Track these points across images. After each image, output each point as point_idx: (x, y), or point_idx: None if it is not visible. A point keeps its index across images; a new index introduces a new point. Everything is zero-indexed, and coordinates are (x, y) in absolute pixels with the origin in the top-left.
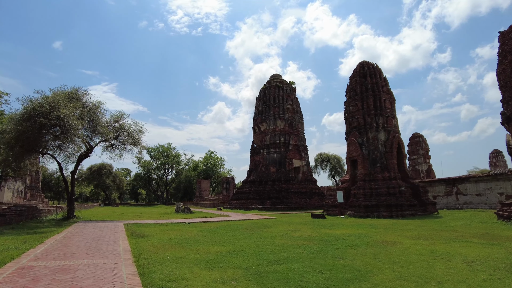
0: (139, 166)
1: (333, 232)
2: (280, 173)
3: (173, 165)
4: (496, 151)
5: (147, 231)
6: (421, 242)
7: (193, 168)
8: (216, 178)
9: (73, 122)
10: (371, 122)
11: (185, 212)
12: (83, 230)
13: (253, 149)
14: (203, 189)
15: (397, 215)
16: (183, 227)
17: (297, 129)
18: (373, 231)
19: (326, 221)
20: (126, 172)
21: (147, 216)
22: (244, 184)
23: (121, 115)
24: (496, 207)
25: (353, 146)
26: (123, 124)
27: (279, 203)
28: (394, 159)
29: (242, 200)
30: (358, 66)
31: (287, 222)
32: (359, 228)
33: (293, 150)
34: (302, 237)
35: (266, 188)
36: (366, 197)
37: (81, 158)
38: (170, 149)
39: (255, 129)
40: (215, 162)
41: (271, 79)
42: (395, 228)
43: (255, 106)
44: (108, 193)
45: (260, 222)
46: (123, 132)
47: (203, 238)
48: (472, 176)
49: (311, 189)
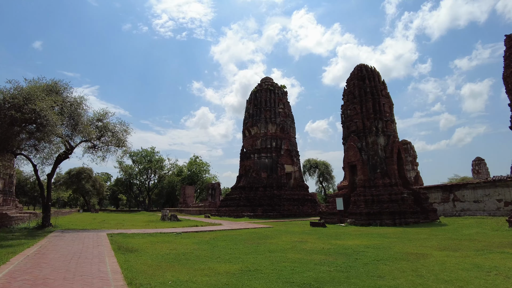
0: (121, 170)
1: (345, 243)
2: (271, 179)
3: (156, 170)
4: (479, 159)
5: (135, 243)
6: (452, 253)
7: (177, 173)
8: (201, 184)
9: (51, 117)
10: (371, 126)
11: (172, 220)
12: (60, 242)
13: (243, 153)
14: (187, 195)
15: (400, 223)
16: (175, 239)
17: (289, 133)
18: (387, 241)
19: (328, 230)
20: (107, 176)
21: (131, 224)
22: (234, 190)
23: (105, 113)
24: (495, 214)
25: (352, 150)
26: (107, 123)
27: (271, 210)
28: (395, 164)
29: (232, 207)
30: (356, 69)
31: (287, 232)
32: (369, 238)
33: (285, 155)
34: (315, 250)
35: (257, 195)
36: (367, 204)
37: (60, 160)
38: (154, 154)
39: (245, 133)
40: (200, 168)
41: (262, 82)
42: (408, 237)
43: (246, 109)
44: (88, 198)
45: (258, 231)
46: (107, 132)
47: (204, 252)
48: (470, 183)
49: (303, 196)
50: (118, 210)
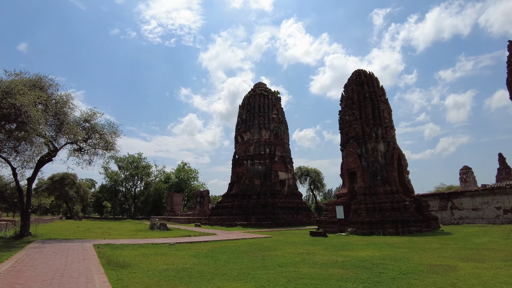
0: (106, 176)
1: (357, 254)
2: (265, 186)
3: (142, 177)
4: (466, 167)
5: (126, 256)
6: (480, 265)
7: (164, 180)
8: (189, 192)
9: (33, 113)
10: (370, 132)
11: (162, 229)
12: (39, 256)
13: (235, 160)
14: (175, 203)
15: (404, 231)
16: (169, 250)
17: (283, 139)
18: (401, 252)
19: (330, 239)
20: (91, 183)
21: (118, 233)
22: (225, 198)
23: (93, 113)
24: (494, 222)
25: (352, 157)
26: (95, 124)
27: (265, 219)
28: (395, 171)
29: (224, 216)
30: (354, 74)
31: (288, 242)
32: (379, 248)
33: (279, 162)
34: (328, 263)
35: (251, 203)
36: (368, 212)
37: (42, 163)
38: (140, 160)
39: (238, 138)
40: (188, 175)
41: (255, 87)
42: (419, 247)
43: (238, 114)
44: (71, 205)
45: (257, 242)
46: (94, 134)
47: (206, 268)
48: (468, 190)
49: (297, 204)
50: (103, 217)
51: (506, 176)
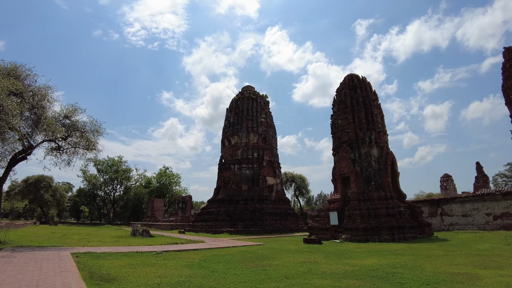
0: (84, 180)
1: (363, 262)
2: (253, 192)
3: (122, 181)
4: (446, 175)
5: (111, 267)
6: (503, 272)
7: (145, 185)
8: (170, 197)
9: (6, 103)
10: (364, 136)
11: (144, 236)
12: (7, 268)
13: (221, 164)
14: (156, 209)
15: (399, 238)
16: (157, 260)
17: (271, 144)
18: (408, 260)
19: (326, 247)
20: (68, 186)
21: (98, 240)
22: (211, 204)
23: (75, 109)
24: (484, 228)
25: (345, 162)
26: (76, 121)
27: (253, 225)
28: (389, 177)
29: (210, 222)
30: (346, 79)
31: (284, 250)
32: (383, 256)
33: (267, 167)
34: (338, 273)
35: (238, 208)
36: (363, 218)
37: (15, 161)
38: (121, 163)
39: (225, 142)
40: (170, 179)
41: (244, 90)
42: (424, 254)
43: (226, 117)
44: (46, 209)
45: (250, 250)
46: (75, 131)
47: (205, 281)
48: (458, 197)
49: (286, 210)
50: (79, 222)
51: (483, 184)
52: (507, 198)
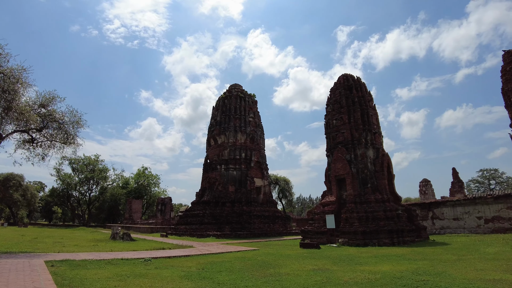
0: (58, 179)
1: (379, 269)
2: (240, 193)
3: (98, 181)
4: (425, 180)
5: (96, 280)
6: None
7: (122, 185)
8: (148, 198)
9: None
10: (359, 137)
11: (125, 240)
12: None
13: (207, 164)
14: (134, 211)
15: (399, 242)
16: (148, 269)
17: (259, 144)
18: (426, 265)
19: (327, 252)
20: (40, 186)
21: (74, 244)
22: (195, 206)
23: (52, 97)
24: (476, 231)
25: (341, 163)
26: (53, 111)
27: (241, 228)
28: (385, 179)
29: (194, 225)
30: (342, 78)
31: (283, 256)
32: (394, 261)
33: (255, 168)
34: (360, 282)
35: (224, 211)
36: (361, 221)
37: None
38: (97, 162)
39: (211, 141)
40: (148, 180)
41: (231, 88)
42: (437, 259)
43: (212, 116)
44: (15, 210)
45: (248, 256)
46: (52, 122)
47: None
48: (449, 200)
49: (273, 213)
50: (52, 224)
51: (458, 189)
52: (498, 201)
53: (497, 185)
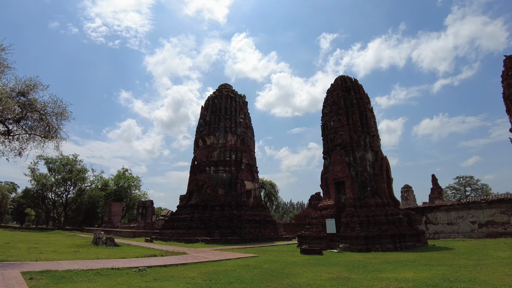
0: (32, 179)
1: (404, 276)
2: (230, 197)
3: (76, 182)
4: (407, 186)
5: None
6: None
7: (101, 187)
8: (128, 201)
9: None
10: (358, 140)
11: (109, 245)
12: None
13: (194, 166)
14: (114, 214)
15: (401, 247)
16: (146, 282)
17: (249, 146)
18: (449, 271)
19: (333, 258)
20: (12, 186)
21: (52, 250)
22: (182, 209)
23: (34, 85)
24: (470, 236)
25: (340, 165)
26: (34, 100)
27: (231, 233)
28: (385, 182)
29: (181, 230)
30: (339, 80)
31: (289, 263)
32: (411, 267)
33: (245, 170)
34: None
35: (214, 215)
36: (362, 226)
37: None
38: (76, 162)
39: (199, 142)
40: (129, 182)
41: (221, 87)
42: (455, 264)
43: (201, 115)
44: None
45: (251, 264)
46: (32, 112)
47: None
48: (443, 205)
49: (264, 217)
50: (24, 227)
51: (438, 195)
52: (492, 206)
53: (473, 191)
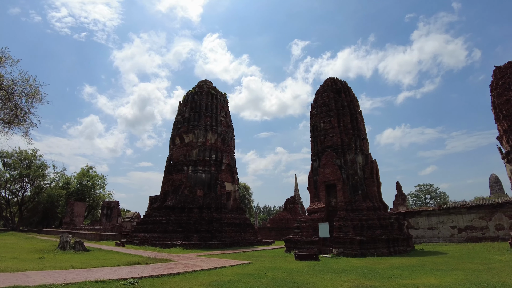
0: None
1: (427, 282)
2: (209, 199)
3: (35, 179)
4: None
5: None
6: None
7: (63, 185)
8: (92, 201)
9: None
10: (349, 142)
11: (78, 250)
12: None
13: (170, 165)
14: (76, 214)
15: (395, 251)
16: None
17: (230, 146)
18: (467, 275)
19: (333, 264)
20: None
21: (11, 256)
22: (157, 211)
23: (0, 58)
24: (450, 240)
25: (331, 168)
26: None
27: (211, 238)
28: (375, 186)
29: (156, 233)
30: (329, 81)
31: (293, 271)
32: (425, 272)
33: (225, 171)
34: None
35: (192, 218)
36: (356, 230)
37: None
38: (35, 157)
39: (176, 140)
40: (93, 181)
41: (202, 83)
42: (466, 268)
43: (178, 111)
44: None
45: (252, 272)
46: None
47: None
48: (424, 210)
49: (244, 220)
50: None
51: (401, 201)
52: (471, 212)
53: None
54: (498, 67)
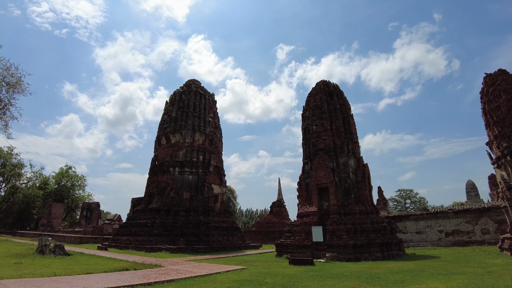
0: None
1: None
2: (196, 201)
3: (10, 178)
4: None
5: None
6: None
7: (40, 186)
8: (70, 202)
9: None
10: (342, 145)
11: (58, 254)
12: None
13: (156, 166)
14: (54, 216)
15: (388, 255)
16: None
17: (218, 147)
18: (474, 280)
19: (329, 269)
20: None
21: None
22: (141, 214)
23: None
24: (438, 244)
25: (323, 170)
26: None
27: (198, 241)
28: (367, 190)
29: (141, 237)
30: (321, 84)
31: (293, 277)
32: (427, 277)
33: (213, 173)
34: None
35: (178, 221)
36: (350, 234)
37: None
38: (11, 156)
39: (162, 140)
40: (73, 181)
41: (190, 83)
42: (468, 272)
43: (165, 111)
44: None
45: (249, 278)
46: None
47: None
48: (412, 214)
49: (231, 224)
50: None
51: (383, 206)
52: (458, 216)
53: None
54: (489, 75)
